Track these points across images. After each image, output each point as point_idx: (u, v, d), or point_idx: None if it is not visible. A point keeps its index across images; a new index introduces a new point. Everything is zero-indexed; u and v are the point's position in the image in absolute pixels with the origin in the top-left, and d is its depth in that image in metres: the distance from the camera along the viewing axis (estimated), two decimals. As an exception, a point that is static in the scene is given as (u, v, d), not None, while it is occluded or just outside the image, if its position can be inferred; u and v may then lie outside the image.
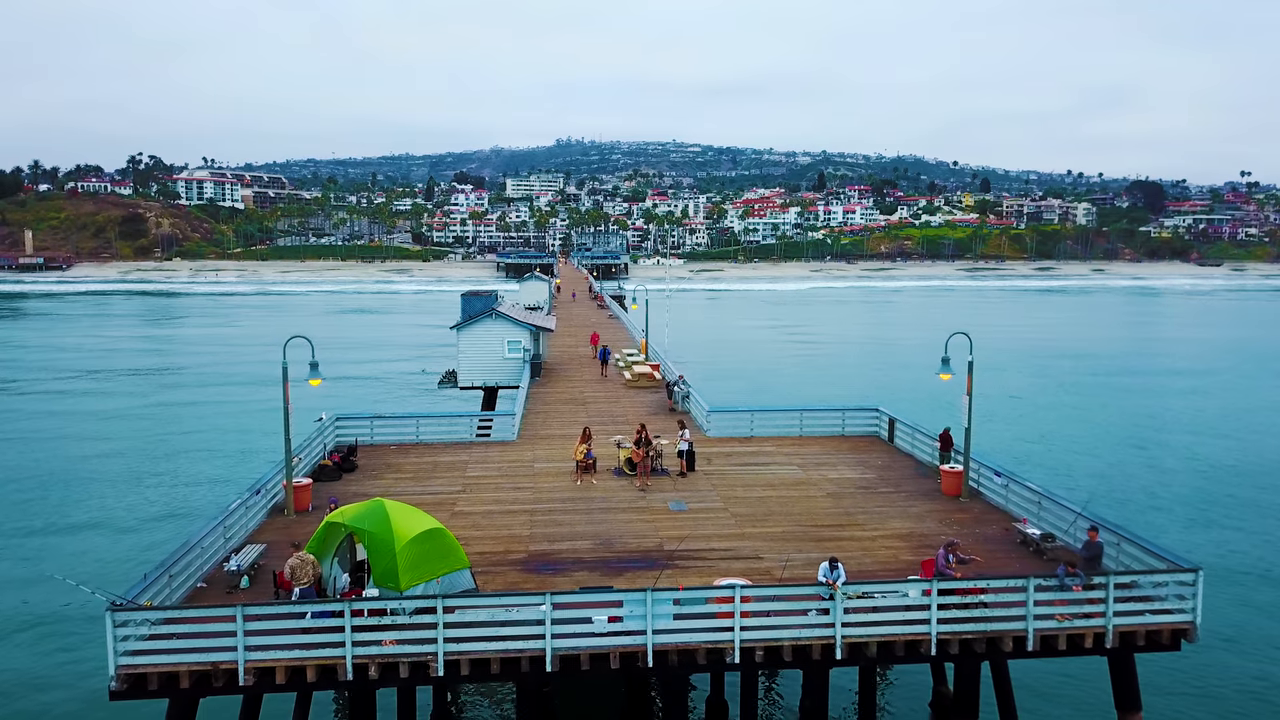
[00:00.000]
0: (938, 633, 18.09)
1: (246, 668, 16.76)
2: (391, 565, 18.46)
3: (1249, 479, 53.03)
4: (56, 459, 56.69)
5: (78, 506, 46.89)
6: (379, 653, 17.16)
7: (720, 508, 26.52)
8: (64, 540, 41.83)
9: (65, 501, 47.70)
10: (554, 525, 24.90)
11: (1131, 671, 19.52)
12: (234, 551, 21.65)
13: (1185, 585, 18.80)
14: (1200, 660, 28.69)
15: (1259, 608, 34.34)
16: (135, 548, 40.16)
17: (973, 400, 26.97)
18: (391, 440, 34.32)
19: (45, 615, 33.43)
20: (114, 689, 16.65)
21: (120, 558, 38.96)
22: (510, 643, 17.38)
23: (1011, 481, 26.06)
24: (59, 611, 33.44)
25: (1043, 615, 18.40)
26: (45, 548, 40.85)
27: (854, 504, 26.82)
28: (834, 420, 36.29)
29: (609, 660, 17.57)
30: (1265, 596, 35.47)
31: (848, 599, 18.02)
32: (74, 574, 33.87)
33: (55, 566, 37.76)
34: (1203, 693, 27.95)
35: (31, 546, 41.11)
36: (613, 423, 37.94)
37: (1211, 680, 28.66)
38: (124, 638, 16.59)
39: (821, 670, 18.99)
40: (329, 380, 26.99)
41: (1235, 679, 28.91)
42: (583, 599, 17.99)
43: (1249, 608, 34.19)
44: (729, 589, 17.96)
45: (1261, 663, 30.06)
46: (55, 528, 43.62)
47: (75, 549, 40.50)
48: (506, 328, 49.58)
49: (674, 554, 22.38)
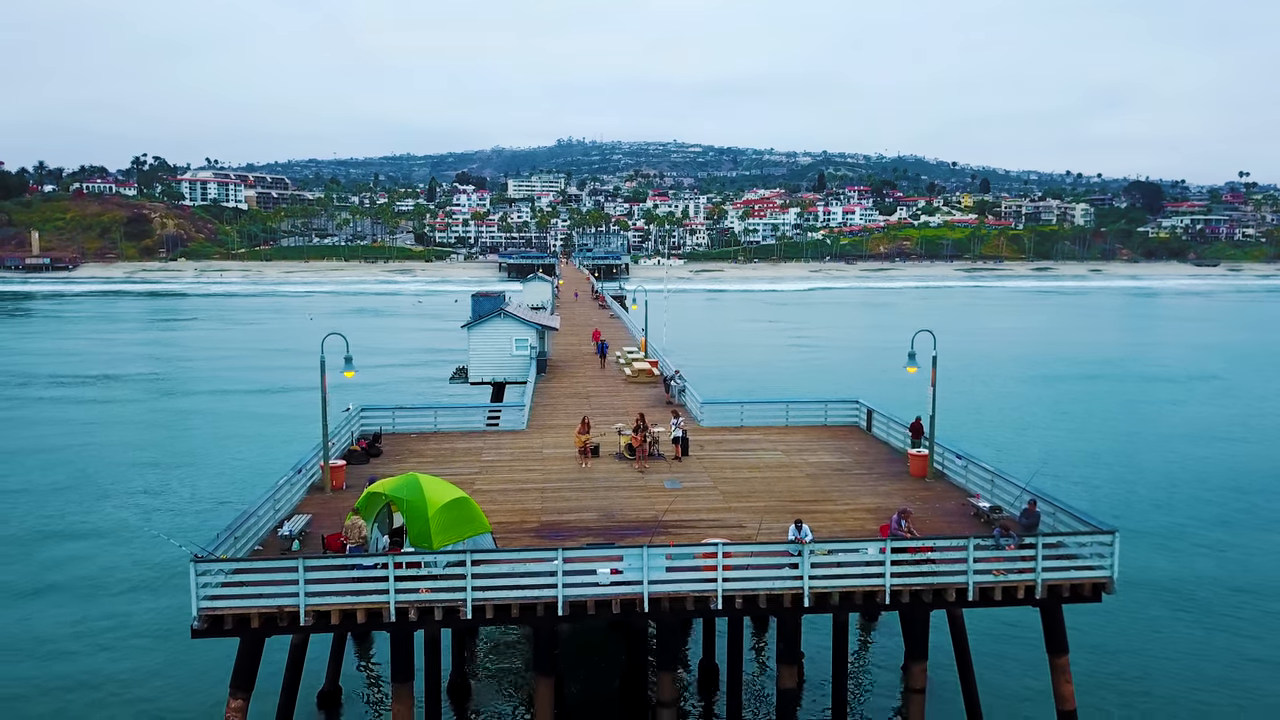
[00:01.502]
0: (891, 585, 21.25)
1: (307, 610, 19.94)
2: (425, 528, 21.64)
3: (1200, 466, 58.51)
4: (115, 448, 62.82)
5: (134, 487, 52.95)
6: (416, 599, 20.33)
7: (710, 486, 29.70)
8: (133, 512, 48.30)
9: (125, 480, 54.22)
10: (562, 500, 28.08)
11: (1059, 620, 22.69)
12: (285, 520, 24.85)
13: (1104, 545, 21.97)
14: (1120, 610, 33.77)
15: (1170, 567, 40.75)
16: (194, 518, 46.99)
17: (936, 392, 30.09)
18: (411, 429, 37.48)
19: (132, 570, 40.19)
20: (196, 628, 19.81)
21: (185, 526, 45.24)
22: (527, 591, 20.56)
23: (970, 463, 29.21)
24: (144, 565, 40.48)
25: (981, 571, 21.55)
26: (119, 516, 47.45)
27: (829, 484, 30.00)
28: (817, 411, 39.44)
29: (611, 606, 20.75)
30: (1175, 557, 42.04)
31: (814, 555, 21.20)
32: (150, 537, 41.99)
33: (134, 531, 44.55)
34: (1122, 637, 33.39)
35: (109, 516, 47.65)
36: (615, 415, 41.05)
37: (1129, 626, 34.21)
38: (204, 585, 19.76)
39: (793, 616, 22.09)
40: (343, 377, 30.16)
41: (1149, 625, 34.66)
42: (589, 554, 21.20)
43: (1161, 567, 40.53)
44: (713, 546, 21.15)
45: (1172, 610, 36.12)
46: (126, 503, 50.04)
47: (140, 521, 46.41)
48: (514, 327, 52.75)
49: (667, 523, 25.55)
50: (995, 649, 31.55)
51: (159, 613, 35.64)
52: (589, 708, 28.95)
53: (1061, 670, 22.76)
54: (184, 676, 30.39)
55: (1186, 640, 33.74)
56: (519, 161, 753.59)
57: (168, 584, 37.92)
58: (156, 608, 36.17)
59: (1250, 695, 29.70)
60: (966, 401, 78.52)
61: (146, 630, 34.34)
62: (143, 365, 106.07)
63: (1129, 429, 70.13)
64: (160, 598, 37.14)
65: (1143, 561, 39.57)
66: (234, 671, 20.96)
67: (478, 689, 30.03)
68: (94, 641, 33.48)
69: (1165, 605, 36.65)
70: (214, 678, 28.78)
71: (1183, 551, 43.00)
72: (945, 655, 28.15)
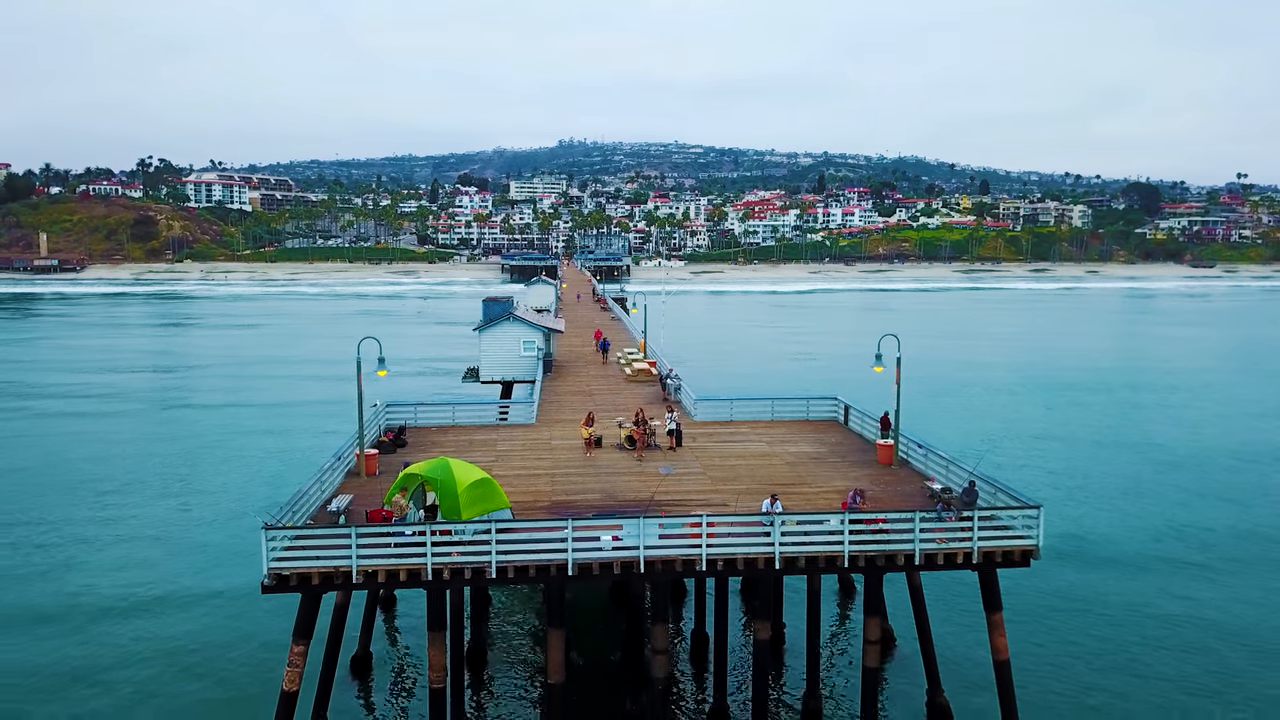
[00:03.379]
0: (849, 550, 25.12)
1: (358, 570, 23.82)
2: (455, 503, 25.55)
3: (1143, 457, 65.84)
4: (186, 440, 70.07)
5: (187, 484, 59.24)
6: (449, 561, 24.21)
7: (700, 472, 33.59)
8: (200, 493, 56.71)
9: (184, 477, 60.68)
10: (569, 483, 31.98)
11: (994, 582, 26.53)
12: (331, 498, 28.77)
13: (1031, 518, 25.84)
14: (1046, 573, 40.23)
15: (1092, 538, 48.64)
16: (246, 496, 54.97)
17: (900, 389, 34.01)
18: (432, 423, 41.35)
19: (207, 538, 48.15)
20: (265, 585, 23.70)
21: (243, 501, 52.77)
22: (542, 555, 24.43)
23: (929, 452, 33.06)
24: (215, 534, 48.59)
25: (926, 539, 25.42)
26: (191, 494, 56.40)
27: (806, 470, 33.86)
28: (800, 407, 43.31)
29: (613, 568, 24.63)
30: (1097, 530, 49.96)
31: (784, 525, 25.08)
32: (217, 512, 51.93)
33: (204, 506, 53.78)
34: (1048, 596, 40.16)
35: (179, 493, 56.53)
36: (616, 410, 44.82)
37: (1055, 587, 41.08)
38: (273, 549, 23.65)
39: (766, 577, 25.90)
40: (362, 379, 34.29)
41: (1070, 586, 41.58)
42: (594, 524, 25.09)
43: (1086, 538, 48.52)
44: (698, 518, 25.04)
45: (1092, 574, 43.26)
46: (194, 485, 58.41)
47: (208, 499, 55.07)
48: (522, 329, 56.64)
49: (661, 502, 29.44)
50: (946, 609, 36.59)
51: (219, 582, 42.00)
52: (593, 656, 33.22)
53: (997, 626, 26.63)
54: (249, 630, 36.40)
55: (1105, 601, 40.34)
56: (520, 162, 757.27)
57: (227, 559, 44.39)
58: (217, 579, 42.40)
59: (1153, 646, 36.03)
60: (956, 402, 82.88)
61: (214, 594, 40.90)
62: (186, 374, 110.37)
63: (1085, 426, 76.38)
64: (214, 574, 42.94)
65: (1071, 534, 48.19)
66: (296, 623, 24.88)
67: (496, 641, 34.67)
68: (174, 604, 40.00)
69: (1078, 569, 43.81)
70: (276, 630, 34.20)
71: (1105, 527, 50.41)
72: (907, 615, 32.42)
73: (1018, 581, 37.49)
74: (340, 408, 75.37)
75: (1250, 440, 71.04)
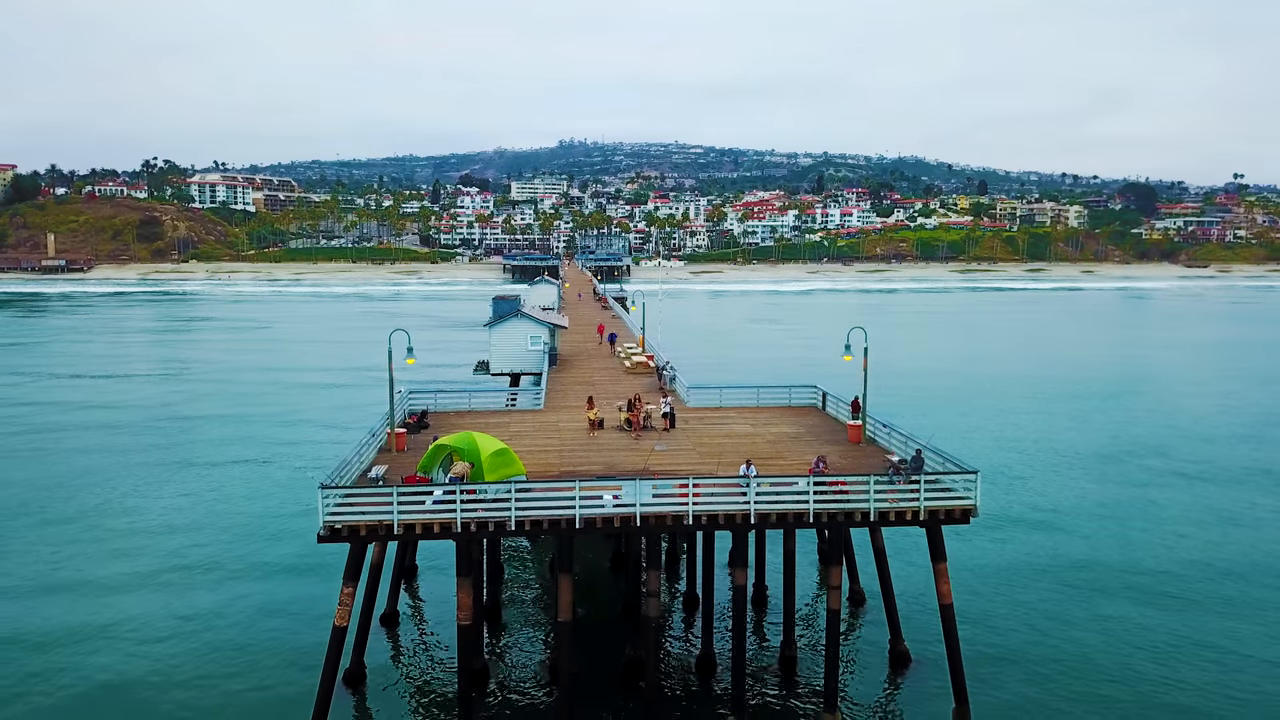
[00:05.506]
0: (814, 508, 29.58)
1: (399, 524, 28.28)
2: (479, 469, 30.03)
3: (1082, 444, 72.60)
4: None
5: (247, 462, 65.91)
6: (475, 516, 28.67)
7: (689, 448, 38.07)
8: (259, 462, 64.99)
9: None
10: (575, 457, 36.46)
11: (939, 537, 31.03)
12: (369, 467, 33.28)
13: (970, 481, 30.30)
14: (983, 530, 46.69)
15: (1024, 502, 56.64)
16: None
17: (868, 376, 38.53)
18: (450, 408, 45.85)
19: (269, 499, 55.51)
20: (321, 535, 28.17)
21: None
22: (554, 511, 28.90)
23: (893, 430, 37.53)
24: (276, 495, 56.18)
25: (880, 499, 29.88)
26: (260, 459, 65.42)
27: (784, 446, 38.33)
28: (783, 394, 47.79)
29: (613, 522, 29.10)
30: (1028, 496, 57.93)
31: (758, 486, 29.55)
32: (278, 477, 60.19)
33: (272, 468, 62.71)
34: (986, 550, 47.07)
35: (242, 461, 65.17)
36: (617, 399, 49.33)
37: (991, 541, 48.25)
38: (327, 505, 28.11)
39: (742, 531, 30.37)
40: (383, 375, 39.03)
41: (1004, 541, 49.07)
42: (598, 485, 29.59)
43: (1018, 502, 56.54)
44: (686, 480, 29.53)
45: (1024, 531, 50.93)
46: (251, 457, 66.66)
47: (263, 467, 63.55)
48: (530, 325, 61.14)
49: (655, 470, 33.90)
50: (903, 563, 41.52)
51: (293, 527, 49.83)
52: (595, 613, 37.98)
53: (942, 574, 31.13)
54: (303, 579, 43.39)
55: (1038, 555, 47.35)
56: (521, 162, 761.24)
57: (274, 528, 50.91)
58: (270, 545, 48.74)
59: (1073, 591, 42.47)
60: (953, 400, 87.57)
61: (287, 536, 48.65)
62: (223, 373, 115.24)
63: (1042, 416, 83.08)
64: (261, 541, 48.89)
65: (1009, 500, 56.51)
66: (345, 568, 29.42)
67: (512, 589, 40.94)
68: (238, 558, 46.75)
69: (1012, 528, 51.50)
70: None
71: (1040, 494, 58.63)
72: (870, 567, 37.51)
73: (981, 547, 42.71)
74: (348, 398, 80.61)
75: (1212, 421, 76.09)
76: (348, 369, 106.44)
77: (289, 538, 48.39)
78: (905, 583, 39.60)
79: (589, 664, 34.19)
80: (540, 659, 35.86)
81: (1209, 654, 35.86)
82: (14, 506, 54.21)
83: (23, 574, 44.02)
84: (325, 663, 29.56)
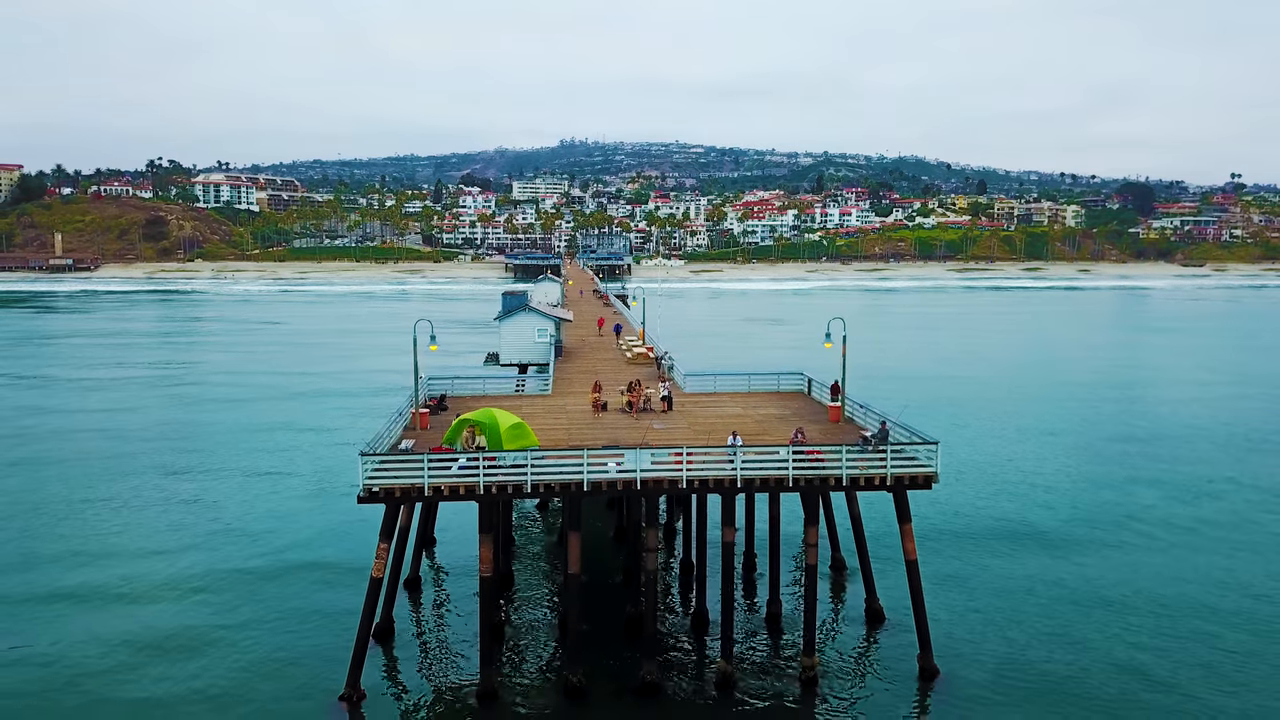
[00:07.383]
0: (793, 474, 33.59)
1: (430, 486, 32.31)
2: (498, 441, 34.09)
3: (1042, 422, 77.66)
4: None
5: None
6: (495, 480, 32.70)
7: (685, 427, 42.09)
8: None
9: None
10: (581, 434, 40.47)
11: (905, 500, 35.04)
12: (399, 441, 37.35)
13: (931, 451, 34.29)
14: (944, 494, 52.58)
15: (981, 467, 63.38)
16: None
17: (846, 361, 42.56)
18: (466, 393, 49.89)
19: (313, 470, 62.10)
20: (361, 496, 32.20)
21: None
22: (564, 475, 32.93)
23: (868, 410, 41.54)
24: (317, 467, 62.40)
25: (851, 466, 33.89)
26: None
27: (770, 425, 42.33)
28: (772, 381, 51.79)
29: (617, 485, 33.13)
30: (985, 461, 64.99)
31: (744, 454, 33.58)
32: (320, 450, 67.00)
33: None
34: (948, 515, 52.75)
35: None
36: (619, 385, 53.38)
37: (952, 505, 54.23)
38: (366, 470, 32.14)
39: (730, 494, 34.38)
40: (401, 366, 43.09)
41: (963, 503, 55.29)
42: (603, 453, 33.63)
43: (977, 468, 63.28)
44: (680, 449, 33.57)
45: (983, 496, 57.24)
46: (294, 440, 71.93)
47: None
48: (537, 319, 65.12)
49: (654, 445, 37.90)
50: (879, 526, 45.64)
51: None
52: (600, 576, 42.12)
53: (907, 534, 35.16)
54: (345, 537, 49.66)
55: (994, 516, 53.69)
56: (522, 162, 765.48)
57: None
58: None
59: (1025, 550, 48.17)
60: (943, 397, 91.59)
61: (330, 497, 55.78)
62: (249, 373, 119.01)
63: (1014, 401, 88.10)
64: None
65: (968, 469, 62.90)
66: (381, 526, 33.48)
67: (526, 546, 45.62)
68: (285, 519, 53.46)
69: (970, 492, 58.12)
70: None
71: (997, 464, 65.58)
72: (848, 530, 41.78)
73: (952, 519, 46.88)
74: (351, 394, 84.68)
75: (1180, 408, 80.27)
76: (352, 372, 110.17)
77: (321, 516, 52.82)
78: (880, 545, 43.63)
79: (594, 622, 38.20)
80: (550, 618, 39.92)
81: (1147, 599, 41.47)
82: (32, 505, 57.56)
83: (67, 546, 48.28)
84: (363, 611, 33.58)
